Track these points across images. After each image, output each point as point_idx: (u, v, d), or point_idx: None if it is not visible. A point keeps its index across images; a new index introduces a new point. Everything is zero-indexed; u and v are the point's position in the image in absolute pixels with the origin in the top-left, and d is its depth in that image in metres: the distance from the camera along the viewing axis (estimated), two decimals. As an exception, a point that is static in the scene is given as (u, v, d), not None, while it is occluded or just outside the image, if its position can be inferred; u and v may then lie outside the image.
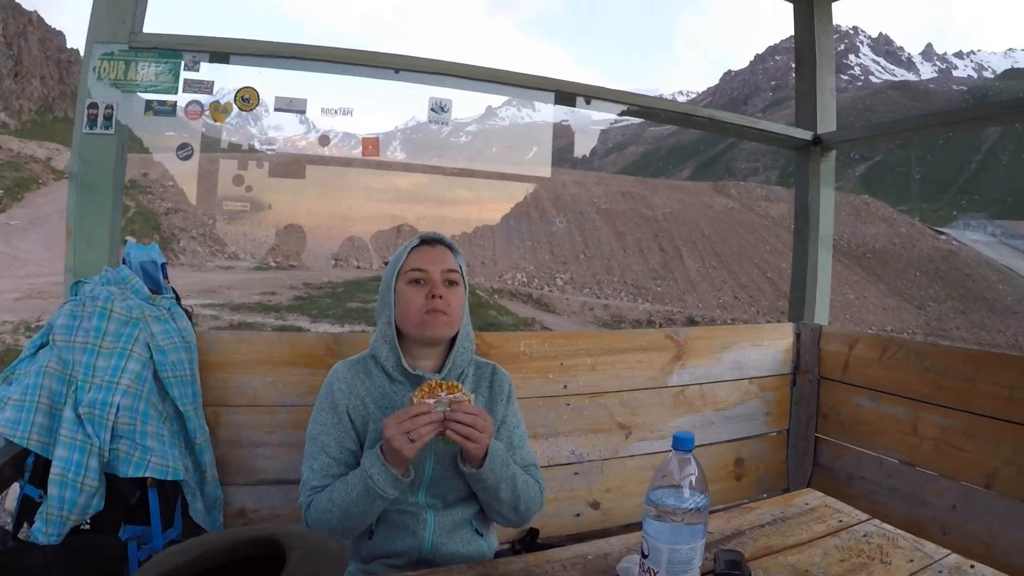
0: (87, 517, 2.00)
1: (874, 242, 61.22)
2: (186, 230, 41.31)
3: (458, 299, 1.96)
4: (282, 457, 2.39)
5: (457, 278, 1.96)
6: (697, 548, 1.35)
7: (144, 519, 2.11)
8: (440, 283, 1.91)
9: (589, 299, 42.88)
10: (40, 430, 1.96)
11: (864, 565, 1.69)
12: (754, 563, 1.62)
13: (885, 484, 2.98)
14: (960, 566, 1.71)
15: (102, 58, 2.48)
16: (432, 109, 2.93)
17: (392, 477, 1.68)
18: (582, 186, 63.12)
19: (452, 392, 1.68)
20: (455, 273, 1.96)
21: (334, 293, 30.37)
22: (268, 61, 2.69)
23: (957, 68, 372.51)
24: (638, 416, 2.99)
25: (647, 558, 1.36)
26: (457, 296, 1.95)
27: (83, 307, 2.09)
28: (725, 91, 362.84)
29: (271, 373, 2.41)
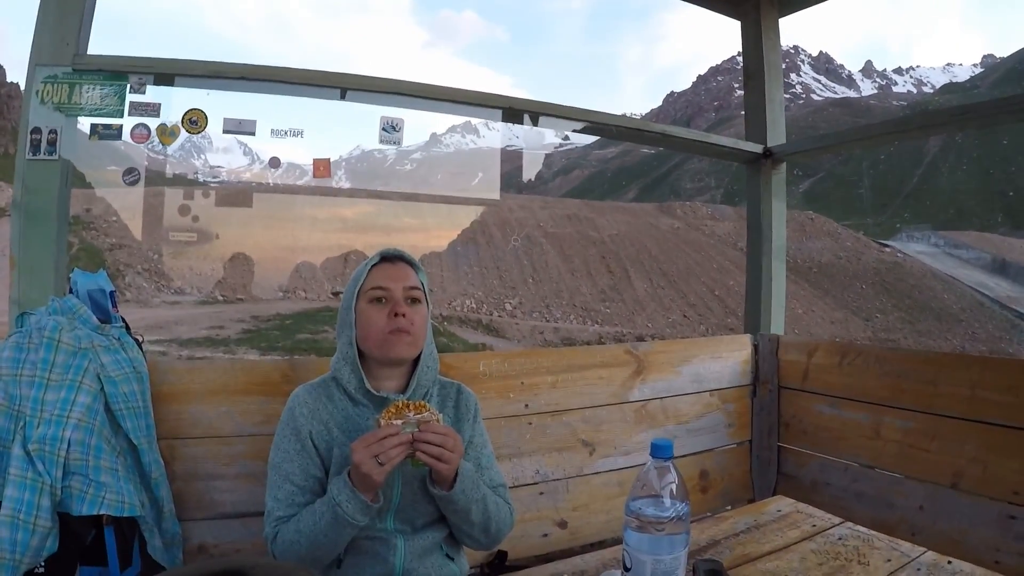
0: (41, 560, 1.92)
1: (820, 256, 62.20)
2: (131, 265, 40.93)
3: (421, 317, 1.93)
4: (241, 489, 2.32)
5: (419, 295, 1.93)
6: (680, 558, 1.32)
7: (101, 559, 2.04)
8: (402, 301, 1.88)
9: (539, 323, 43.05)
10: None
11: (843, 567, 1.69)
12: (733, 571, 1.62)
13: (851, 489, 2.98)
14: (938, 563, 1.72)
15: (45, 81, 2.42)
16: (384, 129, 2.90)
17: (361, 504, 1.63)
18: (528, 210, 63.47)
19: (420, 412, 1.65)
20: (417, 290, 1.93)
21: (283, 325, 30.25)
22: (215, 83, 2.65)
23: (897, 84, 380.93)
24: (601, 433, 2.96)
25: (630, 571, 1.33)
26: (420, 314, 1.92)
27: (29, 339, 2.02)
28: (668, 112, 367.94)
29: (226, 403, 2.35)
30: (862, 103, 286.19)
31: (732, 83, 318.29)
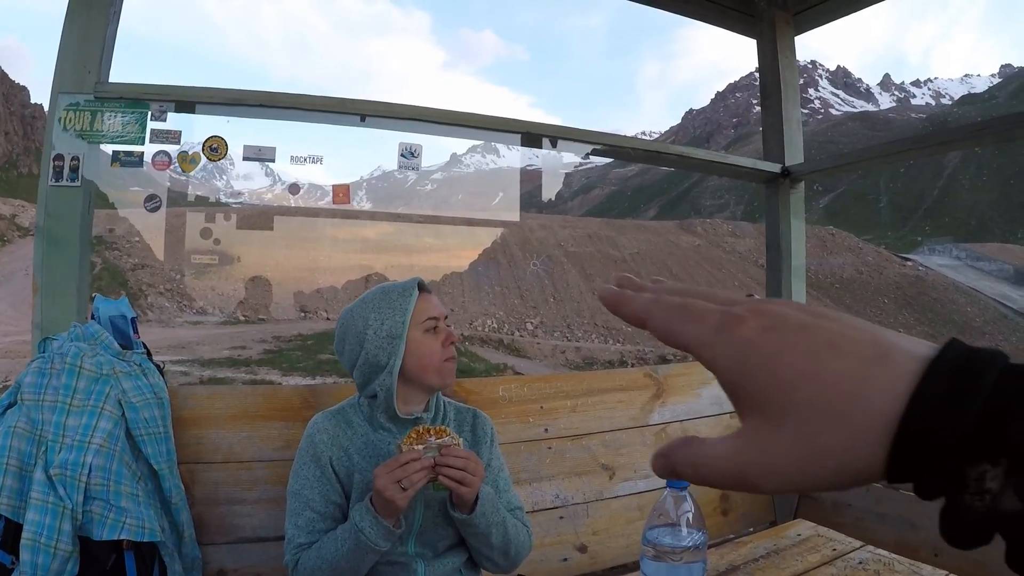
0: (62, 583, 1.94)
1: (841, 272, 61.88)
2: (153, 286, 41.15)
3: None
4: (261, 514, 2.32)
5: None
6: (698, 588, 1.31)
7: (121, 583, 2.05)
8: (448, 329, 1.94)
9: (560, 342, 42.93)
10: (10, 493, 1.89)
11: (864, 594, 1.67)
12: (752, 600, 1.60)
13: (874, 510, 2.95)
14: (959, 587, 1.69)
15: (67, 108, 2.44)
16: (402, 155, 2.91)
17: (384, 529, 1.64)
18: (549, 230, 63.47)
19: (440, 437, 1.66)
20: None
21: (304, 346, 30.26)
22: (235, 110, 2.66)
23: (915, 96, 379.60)
24: (621, 456, 2.95)
25: (647, 600, 1.33)
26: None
27: (51, 364, 2.03)
28: (688, 130, 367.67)
29: (246, 428, 2.35)
30: (881, 116, 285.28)
31: (751, 99, 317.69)
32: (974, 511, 0.39)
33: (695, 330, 0.49)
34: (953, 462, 0.39)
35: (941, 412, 0.39)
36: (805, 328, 0.45)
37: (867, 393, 0.42)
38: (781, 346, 0.45)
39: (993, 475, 0.38)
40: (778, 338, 0.45)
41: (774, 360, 0.45)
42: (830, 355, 0.43)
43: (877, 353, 0.43)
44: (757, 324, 0.46)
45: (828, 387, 0.43)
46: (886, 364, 0.42)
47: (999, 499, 0.38)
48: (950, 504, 0.40)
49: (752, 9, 3.87)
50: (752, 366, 0.46)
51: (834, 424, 0.42)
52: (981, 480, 0.38)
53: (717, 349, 0.48)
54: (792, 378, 0.44)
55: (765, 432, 0.45)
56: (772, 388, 0.45)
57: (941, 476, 0.40)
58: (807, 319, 0.46)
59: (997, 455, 0.38)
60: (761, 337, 0.46)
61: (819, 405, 0.43)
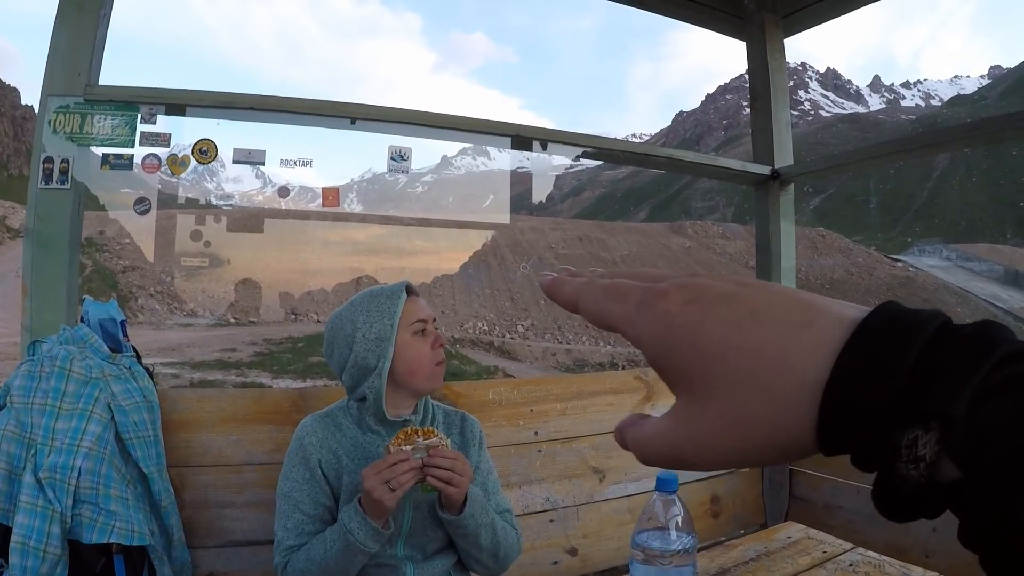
0: (51, 587, 1.93)
1: (832, 273, 62.06)
2: (144, 288, 41.07)
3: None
4: (251, 517, 2.32)
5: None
6: (687, 591, 1.31)
7: (111, 587, 2.04)
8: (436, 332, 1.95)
9: (551, 344, 42.94)
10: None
11: (853, 596, 1.67)
12: (742, 603, 1.60)
13: (864, 512, 2.96)
14: (949, 589, 1.70)
15: (57, 111, 2.43)
16: (392, 158, 2.91)
17: (373, 530, 1.64)
18: (539, 232, 63.55)
19: (428, 437, 1.66)
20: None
21: (295, 348, 30.22)
22: (225, 113, 2.66)
23: (905, 98, 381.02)
24: (611, 459, 2.95)
25: (636, 604, 1.33)
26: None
27: (41, 367, 2.03)
28: (678, 132, 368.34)
29: (236, 431, 2.35)
30: (870, 118, 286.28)
31: (741, 101, 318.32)
32: (910, 481, 0.37)
33: (620, 308, 0.49)
34: (882, 429, 0.37)
35: (866, 376, 0.38)
36: (728, 298, 0.44)
37: (791, 360, 0.40)
38: (702, 317, 0.44)
39: (925, 441, 0.36)
40: (699, 309, 0.44)
41: (695, 332, 0.44)
42: (753, 324, 0.42)
43: (802, 319, 0.42)
44: (679, 297, 0.45)
45: (751, 357, 0.42)
46: (811, 329, 0.41)
47: (935, 467, 0.36)
48: (884, 475, 0.38)
49: (741, 12, 3.88)
50: (674, 340, 0.45)
51: (759, 395, 0.41)
52: (913, 447, 0.36)
53: (640, 326, 0.47)
54: (714, 349, 0.43)
55: (693, 409, 0.44)
56: (695, 362, 0.43)
57: (871, 445, 0.38)
58: (731, 288, 0.45)
59: (928, 420, 0.36)
60: (682, 309, 0.45)
61: (743, 376, 0.42)
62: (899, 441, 0.36)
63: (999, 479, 0.34)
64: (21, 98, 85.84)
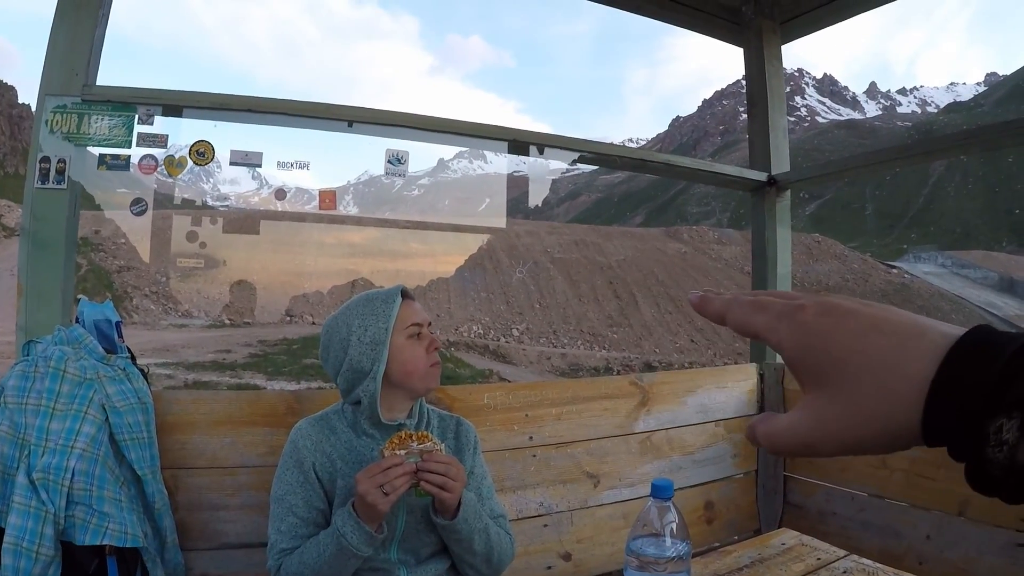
0: (43, 588, 1.92)
1: (827, 279, 62.03)
2: (139, 288, 40.98)
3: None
4: (245, 520, 2.31)
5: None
6: (682, 597, 1.31)
7: (103, 588, 2.04)
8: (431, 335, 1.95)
9: (546, 348, 42.89)
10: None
11: (847, 604, 1.67)
12: (736, 610, 1.59)
13: (858, 519, 2.96)
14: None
15: (54, 111, 2.43)
16: (389, 161, 2.91)
17: (366, 534, 1.64)
18: (536, 236, 63.45)
19: (423, 442, 1.66)
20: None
21: (290, 350, 30.16)
22: (222, 114, 2.66)
23: (901, 105, 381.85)
24: (606, 464, 2.95)
25: (630, 610, 1.32)
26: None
27: (35, 368, 2.02)
28: (674, 137, 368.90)
29: (230, 433, 2.34)
30: (867, 124, 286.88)
31: (738, 107, 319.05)
32: (996, 463, 0.44)
33: (764, 319, 0.58)
34: (975, 418, 0.44)
35: (964, 376, 0.46)
36: (854, 313, 0.54)
37: (904, 364, 0.49)
38: (833, 327, 0.53)
39: (1009, 427, 0.43)
40: (831, 321, 0.54)
41: (827, 339, 0.53)
42: (875, 334, 0.52)
43: (915, 331, 0.50)
44: (814, 310, 0.55)
45: (872, 361, 0.50)
46: (921, 339, 0.49)
47: (1016, 450, 0.43)
48: (976, 458, 0.45)
49: (739, 18, 3.89)
50: (809, 345, 0.54)
51: (878, 392, 0.50)
52: (999, 432, 0.43)
53: (781, 332, 0.56)
54: (842, 354, 0.52)
55: (821, 403, 0.53)
56: (826, 364, 0.53)
57: (966, 434, 0.45)
58: (857, 306, 0.54)
59: (1012, 409, 0.43)
60: (817, 320, 0.54)
61: (865, 376, 0.50)
62: (988, 429, 0.44)
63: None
64: (18, 96, 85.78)
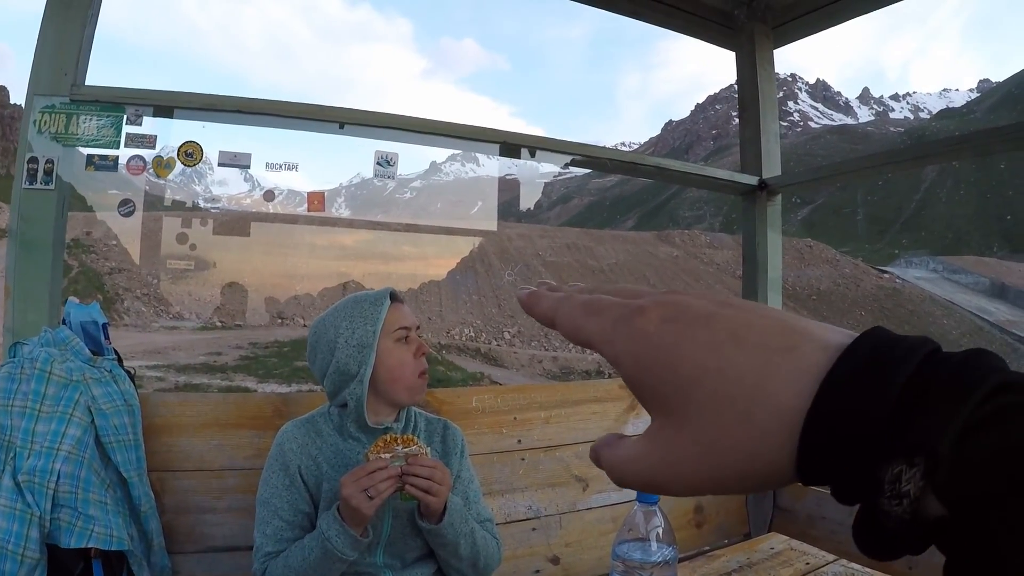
0: (28, 591, 1.91)
1: (819, 284, 62.22)
2: (130, 290, 40.94)
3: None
4: (231, 523, 2.30)
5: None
6: (668, 602, 1.30)
7: (89, 592, 2.03)
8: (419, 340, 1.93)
9: (537, 351, 42.90)
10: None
11: (835, 609, 1.66)
12: (723, 614, 1.59)
13: (847, 523, 2.91)
14: (930, 603, 1.68)
15: (43, 111, 2.41)
16: (378, 163, 2.90)
17: (351, 538, 1.63)
18: (528, 239, 63.60)
19: (408, 446, 1.65)
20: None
21: (280, 352, 30.16)
22: (212, 115, 2.64)
23: (894, 110, 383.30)
24: (595, 468, 2.86)
25: (616, 616, 1.31)
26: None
27: (21, 369, 2.01)
28: (667, 141, 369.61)
29: (217, 436, 2.34)
30: (859, 130, 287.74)
31: (730, 111, 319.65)
32: (893, 517, 0.35)
33: (597, 324, 0.47)
34: (864, 462, 0.36)
35: (849, 406, 0.36)
36: (708, 318, 0.43)
37: (770, 387, 0.39)
38: (680, 338, 0.43)
39: (910, 476, 0.34)
40: (677, 329, 0.43)
41: (672, 353, 0.42)
42: (733, 347, 0.41)
43: (784, 343, 0.40)
44: (657, 315, 0.44)
45: (729, 382, 0.40)
46: (793, 355, 0.39)
47: (920, 503, 0.34)
48: (866, 510, 0.37)
49: (731, 22, 3.89)
50: (651, 360, 0.43)
51: (736, 423, 0.39)
52: (896, 482, 0.34)
53: (617, 344, 0.45)
54: (691, 373, 0.41)
55: (668, 432, 0.43)
56: (671, 384, 0.42)
57: (853, 478, 0.36)
58: (711, 308, 0.44)
59: (912, 453, 0.34)
60: (660, 328, 0.44)
61: (720, 402, 0.40)
62: (882, 475, 0.35)
63: (986, 517, 0.32)
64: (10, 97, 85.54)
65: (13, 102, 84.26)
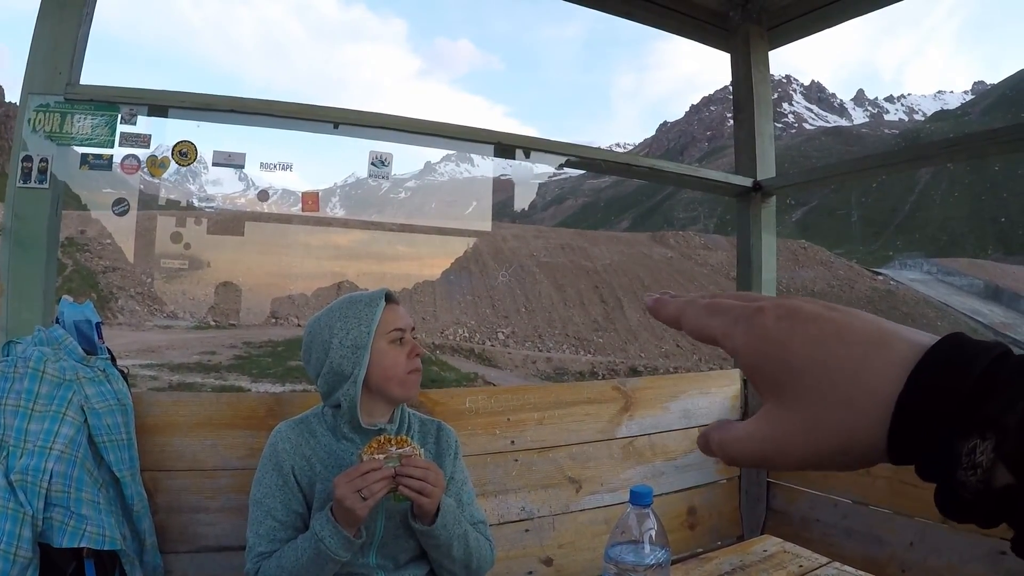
0: (20, 591, 1.90)
1: (813, 285, 62.22)
2: (124, 288, 40.84)
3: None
4: (224, 523, 2.30)
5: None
6: (661, 605, 1.30)
7: (81, 591, 2.02)
8: (414, 342, 1.93)
9: (531, 352, 42.88)
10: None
11: (828, 611, 1.66)
12: (716, 616, 1.58)
13: (841, 525, 2.97)
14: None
15: (37, 110, 2.41)
16: (372, 163, 2.89)
17: (344, 539, 1.62)
18: (522, 240, 63.50)
19: (402, 447, 1.65)
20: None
21: (275, 352, 30.12)
22: (207, 115, 2.64)
23: (888, 112, 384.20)
24: (588, 469, 2.95)
25: (609, 617, 1.31)
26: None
27: (14, 368, 2.00)
28: (662, 142, 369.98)
29: (211, 436, 2.33)
30: (854, 132, 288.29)
31: (725, 113, 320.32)
32: (969, 487, 0.40)
33: (720, 322, 0.54)
34: (944, 437, 0.41)
35: (933, 391, 0.42)
36: (816, 318, 0.50)
37: (867, 376, 0.45)
38: (792, 334, 0.50)
39: (983, 448, 0.39)
40: (790, 326, 0.50)
41: (785, 346, 0.49)
42: (836, 342, 0.48)
43: (880, 340, 0.47)
44: (773, 314, 0.51)
45: (832, 371, 0.47)
46: (887, 349, 0.46)
47: (991, 473, 0.39)
48: (946, 481, 0.42)
49: (727, 23, 3.89)
50: (766, 352, 0.50)
51: (837, 406, 0.46)
52: (971, 454, 0.40)
53: (737, 338, 0.52)
54: (801, 363, 0.48)
55: (778, 414, 0.50)
56: (784, 372, 0.49)
57: (935, 453, 0.42)
58: (819, 310, 0.50)
59: (985, 429, 0.39)
60: (775, 325, 0.51)
61: (824, 388, 0.47)
62: (960, 449, 0.41)
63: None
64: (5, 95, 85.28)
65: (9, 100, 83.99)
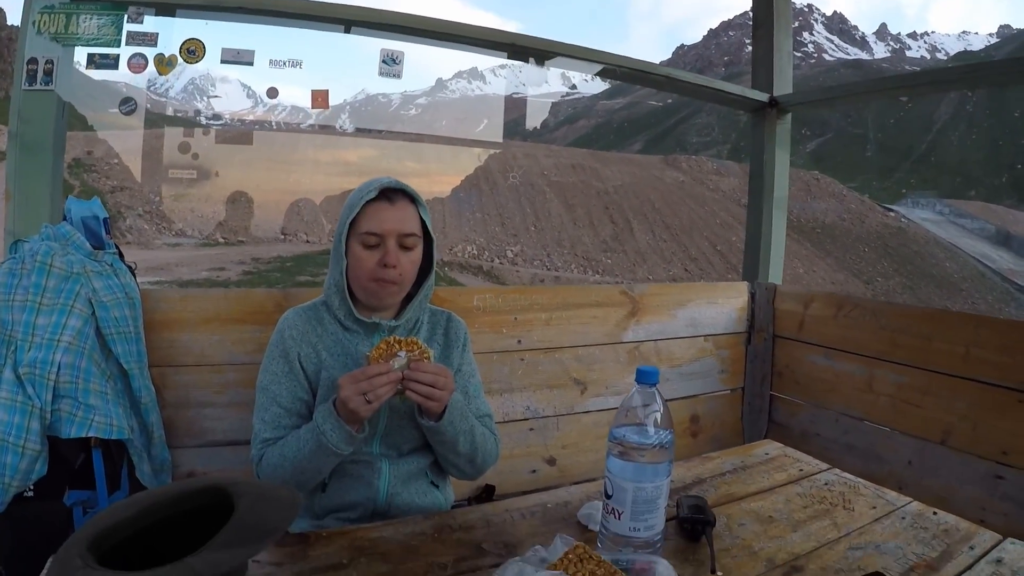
0: (30, 483, 1.92)
1: (824, 217, 62.04)
2: (132, 208, 40.86)
3: (412, 262, 1.85)
4: (232, 417, 2.33)
5: (415, 241, 1.85)
6: (663, 487, 1.30)
7: (89, 483, 2.05)
8: (394, 250, 1.79)
9: (539, 271, 43.01)
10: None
11: (827, 511, 1.67)
12: (716, 509, 1.60)
13: (841, 440, 2.99)
14: (923, 512, 1.69)
15: (42, 12, 2.37)
16: (384, 61, 2.86)
17: (346, 434, 1.61)
18: (533, 158, 63.15)
19: (411, 349, 1.61)
20: (413, 237, 1.83)
21: (283, 267, 30.22)
22: (214, 14, 2.60)
23: (911, 49, 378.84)
24: (593, 372, 2.97)
25: (611, 498, 1.32)
26: (412, 260, 1.85)
27: (22, 265, 2.00)
28: (678, 65, 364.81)
29: (219, 331, 2.35)
30: (874, 66, 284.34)
31: (743, 39, 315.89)
32: None
33: None
34: None
35: None
36: None
37: None
38: None
39: None
40: None
41: None
42: None
43: None
44: None
45: None
46: None
47: None
48: None
49: (746, -65, 3.81)
50: None
51: None
52: None
53: None
54: None
55: None
56: None
57: None
58: None
59: None
60: None
61: None
62: None
63: None
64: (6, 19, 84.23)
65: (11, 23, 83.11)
